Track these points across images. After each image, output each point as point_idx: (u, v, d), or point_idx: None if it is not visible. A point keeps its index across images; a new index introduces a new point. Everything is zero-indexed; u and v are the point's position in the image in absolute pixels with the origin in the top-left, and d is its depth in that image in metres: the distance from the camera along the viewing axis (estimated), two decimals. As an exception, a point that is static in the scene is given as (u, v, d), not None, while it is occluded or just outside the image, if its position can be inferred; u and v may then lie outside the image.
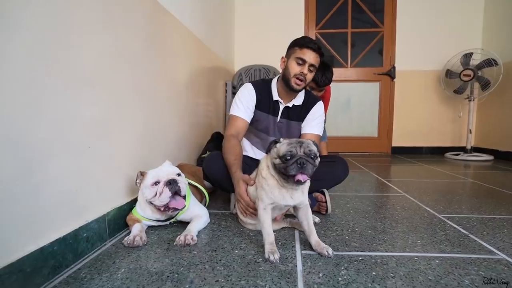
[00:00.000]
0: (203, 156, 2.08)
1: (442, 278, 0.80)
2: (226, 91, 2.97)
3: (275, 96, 1.42)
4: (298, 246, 1.02)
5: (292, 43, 1.38)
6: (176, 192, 1.08)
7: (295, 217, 1.17)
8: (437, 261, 0.90)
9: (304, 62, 1.32)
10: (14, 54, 0.71)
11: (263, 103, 1.43)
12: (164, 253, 0.96)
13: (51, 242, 0.81)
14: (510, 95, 3.10)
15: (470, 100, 3.30)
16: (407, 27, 3.59)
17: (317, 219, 1.24)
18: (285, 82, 1.38)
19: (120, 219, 1.14)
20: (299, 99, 1.45)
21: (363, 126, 3.80)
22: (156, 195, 1.06)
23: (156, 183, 1.08)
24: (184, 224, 1.17)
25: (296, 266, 0.87)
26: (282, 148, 0.94)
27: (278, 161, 0.94)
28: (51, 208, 0.83)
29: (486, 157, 3.21)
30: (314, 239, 0.98)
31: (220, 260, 0.91)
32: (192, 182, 1.34)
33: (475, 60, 3.14)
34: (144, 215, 1.13)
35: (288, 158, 0.91)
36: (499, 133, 3.25)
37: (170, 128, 1.68)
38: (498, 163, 2.98)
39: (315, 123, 1.45)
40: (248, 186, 1.13)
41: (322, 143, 2.12)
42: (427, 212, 1.39)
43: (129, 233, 1.07)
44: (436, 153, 3.69)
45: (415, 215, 1.35)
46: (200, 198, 1.38)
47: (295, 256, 0.94)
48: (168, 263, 0.89)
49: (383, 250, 0.98)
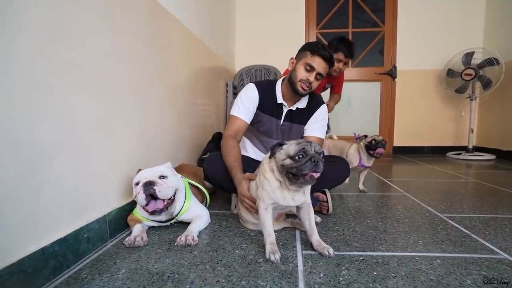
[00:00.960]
0: (203, 156, 2.08)
1: (444, 278, 0.80)
2: (227, 91, 2.97)
3: (279, 99, 1.40)
4: (299, 246, 1.01)
5: (305, 47, 1.33)
6: (152, 195, 1.03)
7: (296, 217, 1.17)
8: (438, 261, 0.90)
9: (312, 69, 1.28)
10: (16, 56, 0.71)
11: (267, 105, 1.40)
12: (165, 253, 0.96)
13: (52, 243, 0.81)
14: (512, 94, 3.09)
15: (471, 99, 3.29)
16: (408, 27, 3.58)
17: (318, 219, 1.24)
18: (290, 84, 1.34)
19: (121, 220, 1.14)
20: (303, 102, 1.42)
21: (364, 126, 3.79)
22: (135, 195, 1.05)
23: (138, 184, 1.06)
24: (185, 224, 1.16)
25: (297, 266, 0.87)
26: (292, 148, 0.93)
27: (289, 161, 0.93)
28: (52, 209, 0.83)
29: (488, 156, 3.20)
30: (315, 239, 0.98)
31: (221, 260, 0.91)
32: (193, 182, 1.34)
33: (477, 59, 3.13)
34: (145, 215, 1.12)
35: (301, 156, 0.91)
36: (501, 132, 3.24)
37: (171, 129, 1.68)
38: (500, 163, 2.97)
39: (317, 126, 1.43)
40: (250, 182, 1.13)
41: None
42: (429, 211, 1.39)
43: (130, 233, 1.07)
44: (438, 152, 3.68)
45: (416, 214, 1.34)
46: (201, 198, 1.38)
47: (296, 256, 0.94)
48: (169, 263, 0.89)
49: (384, 250, 0.98)
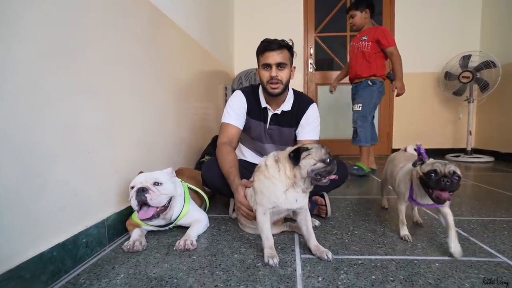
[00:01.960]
0: (201, 160, 2.09)
1: (442, 282, 0.80)
2: (226, 94, 2.98)
3: (263, 103, 1.41)
4: (297, 250, 1.02)
5: (256, 53, 1.37)
6: (143, 202, 1.03)
7: (294, 220, 1.17)
8: (437, 264, 0.90)
9: (269, 65, 1.30)
10: (17, 61, 0.72)
11: (254, 110, 1.42)
12: (164, 258, 0.96)
13: (50, 248, 0.81)
14: (509, 97, 3.10)
15: (469, 102, 3.31)
16: (405, 30, 3.61)
17: (317, 223, 1.24)
18: (264, 89, 1.37)
19: (119, 224, 1.14)
20: (288, 104, 1.41)
21: (363, 128, 3.79)
22: (130, 199, 1.05)
23: (133, 188, 1.06)
24: (183, 228, 1.16)
25: (296, 270, 0.87)
26: (320, 152, 0.95)
27: (321, 165, 0.93)
28: (51, 213, 0.83)
29: (486, 158, 3.20)
30: (314, 244, 0.98)
31: (220, 264, 0.91)
32: (192, 187, 1.34)
33: (474, 62, 3.15)
34: (144, 220, 1.12)
35: (330, 160, 0.96)
36: (499, 134, 3.25)
37: (170, 133, 1.68)
38: (499, 165, 2.97)
39: (310, 128, 1.43)
40: (246, 189, 1.13)
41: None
42: (427, 214, 1.39)
43: (128, 238, 1.07)
44: (437, 155, 3.68)
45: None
46: (200, 202, 1.38)
47: (295, 260, 0.94)
48: (167, 268, 0.89)
49: (382, 253, 0.98)
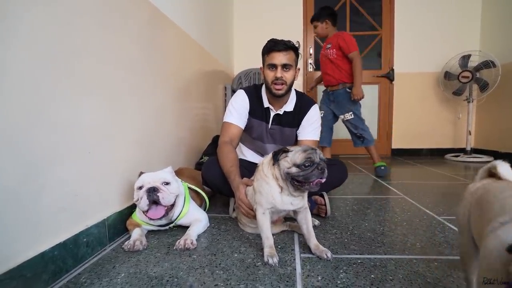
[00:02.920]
0: (201, 160, 2.09)
1: (441, 281, 0.80)
2: (226, 94, 2.98)
3: (266, 103, 1.42)
4: (297, 249, 1.02)
5: (262, 52, 1.37)
6: (154, 201, 1.05)
7: (294, 220, 1.18)
8: (436, 263, 0.90)
9: (274, 66, 1.31)
10: (16, 62, 0.72)
11: (256, 110, 1.42)
12: (164, 257, 0.96)
13: (51, 247, 0.81)
14: (509, 96, 3.11)
15: (469, 102, 3.31)
16: (406, 30, 3.61)
17: (316, 222, 1.24)
18: (268, 89, 1.37)
19: (120, 224, 1.14)
20: (290, 105, 1.42)
21: (362, 128, 3.79)
22: (138, 199, 1.06)
23: (141, 188, 1.07)
24: (184, 228, 1.17)
25: (295, 269, 0.88)
26: (298, 156, 0.94)
27: (295, 169, 0.94)
28: (52, 213, 0.83)
29: (486, 158, 3.21)
30: (313, 243, 0.98)
31: (220, 264, 0.91)
32: (192, 186, 1.35)
33: (473, 62, 3.15)
34: (144, 219, 1.13)
35: (307, 165, 0.92)
36: (499, 134, 3.26)
37: (169, 133, 1.69)
38: (498, 164, 2.98)
39: (311, 129, 1.43)
40: (246, 188, 1.14)
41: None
42: (427, 214, 1.40)
43: (129, 237, 1.08)
44: (436, 154, 3.69)
45: (414, 217, 1.35)
46: (200, 202, 1.39)
47: (294, 259, 0.94)
48: (167, 267, 0.89)
49: (382, 252, 0.98)
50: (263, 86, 1.44)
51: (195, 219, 1.18)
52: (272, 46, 1.30)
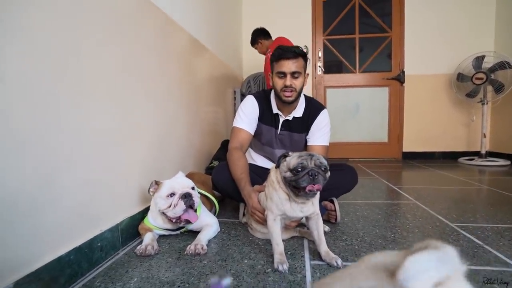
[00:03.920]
0: (210, 165, 2.11)
1: (455, 291, 0.79)
2: (235, 98, 3.01)
3: (275, 109, 1.42)
4: (307, 256, 1.02)
5: (271, 59, 1.36)
6: (190, 206, 1.11)
7: (304, 226, 1.18)
8: (449, 272, 0.88)
9: (284, 74, 1.30)
10: (31, 69, 0.75)
11: (266, 116, 1.42)
12: (175, 262, 0.98)
13: (67, 252, 0.84)
14: (526, 98, 3.02)
15: (483, 104, 3.23)
16: (416, 31, 3.56)
17: (326, 228, 1.24)
18: (277, 96, 1.37)
19: (132, 228, 1.17)
20: (299, 111, 1.42)
21: (372, 131, 3.76)
22: (170, 206, 1.09)
23: (172, 195, 1.10)
24: (194, 233, 1.18)
25: (305, 276, 0.87)
26: (293, 161, 0.95)
27: (289, 174, 0.94)
28: (68, 219, 0.86)
29: (502, 162, 3.12)
30: (324, 249, 0.98)
31: (230, 270, 0.92)
32: (202, 192, 1.36)
33: (488, 63, 3.08)
34: (156, 224, 1.15)
35: (299, 170, 0.92)
36: (515, 137, 3.16)
37: (181, 137, 1.71)
38: (515, 168, 2.89)
39: (320, 134, 1.43)
40: (259, 194, 1.14)
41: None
42: (440, 221, 1.37)
43: (141, 242, 1.10)
44: (449, 158, 3.61)
45: (427, 224, 1.33)
46: (210, 206, 1.40)
47: (304, 266, 0.94)
48: (179, 272, 0.91)
49: (393, 260, 0.97)
50: (272, 92, 1.45)
51: (206, 224, 1.19)
52: (281, 54, 1.29)
